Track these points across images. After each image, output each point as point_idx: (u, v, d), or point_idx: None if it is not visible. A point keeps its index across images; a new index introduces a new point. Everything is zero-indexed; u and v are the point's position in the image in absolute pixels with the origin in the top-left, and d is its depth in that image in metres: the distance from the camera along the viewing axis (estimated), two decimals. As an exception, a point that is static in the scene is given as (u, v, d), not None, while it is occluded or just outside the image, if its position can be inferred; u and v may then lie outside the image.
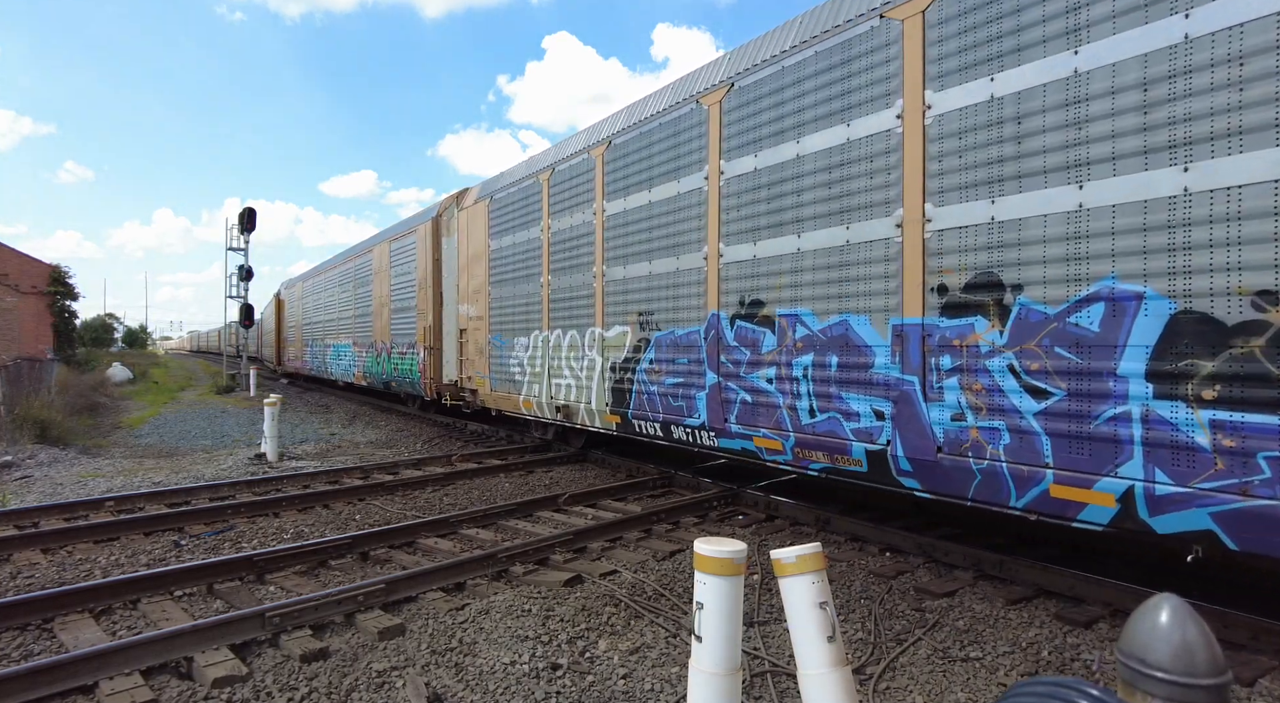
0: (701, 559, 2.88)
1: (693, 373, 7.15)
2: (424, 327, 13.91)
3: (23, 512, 7.25)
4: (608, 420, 8.41)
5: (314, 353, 24.34)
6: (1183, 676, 1.59)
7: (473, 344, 11.98)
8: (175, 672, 3.98)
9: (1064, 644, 4.27)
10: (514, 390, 10.50)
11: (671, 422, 7.42)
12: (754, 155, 6.48)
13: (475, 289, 11.83)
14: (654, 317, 7.71)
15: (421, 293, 14.21)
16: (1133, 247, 3.92)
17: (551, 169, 9.67)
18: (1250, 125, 3.55)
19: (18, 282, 30.40)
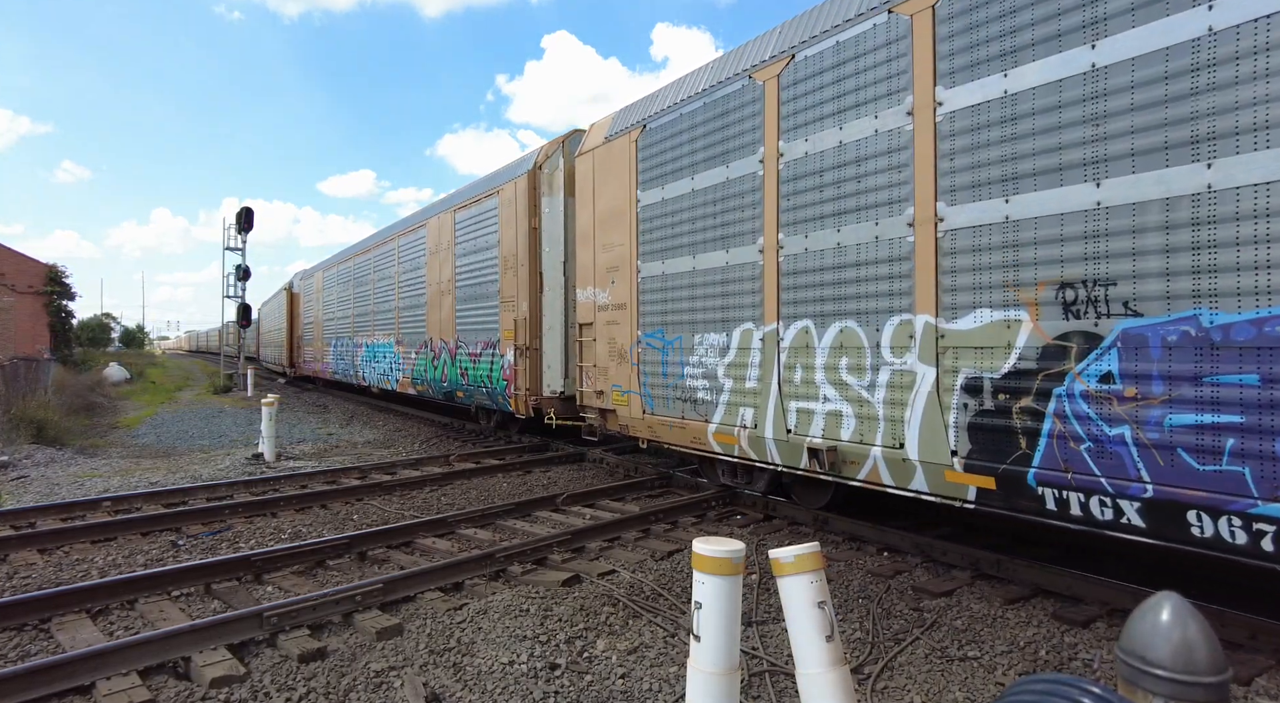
0: (700, 559, 2.88)
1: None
2: (514, 320, 10.64)
3: (19, 512, 7.23)
4: (956, 481, 4.90)
5: (339, 354, 20.60)
6: (1183, 673, 1.59)
7: (604, 344, 8.60)
8: (173, 672, 3.97)
9: (1062, 644, 4.27)
10: (695, 414, 7.13)
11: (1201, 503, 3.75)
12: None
13: (609, 266, 8.47)
14: (1123, 290, 4.08)
15: (509, 275, 10.86)
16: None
17: (790, 56, 6.17)
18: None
19: (14, 281, 30.35)
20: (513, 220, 10.77)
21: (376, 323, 17.33)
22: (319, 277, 23.49)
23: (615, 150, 8.45)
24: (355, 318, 19.06)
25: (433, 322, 13.77)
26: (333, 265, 21.91)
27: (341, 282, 20.68)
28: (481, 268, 11.90)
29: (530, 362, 10.36)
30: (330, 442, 13.14)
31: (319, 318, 23.29)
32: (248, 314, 28.17)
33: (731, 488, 7.78)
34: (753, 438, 6.49)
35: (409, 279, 15.14)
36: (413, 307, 14.91)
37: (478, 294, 12.03)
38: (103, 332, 59.76)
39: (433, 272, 13.79)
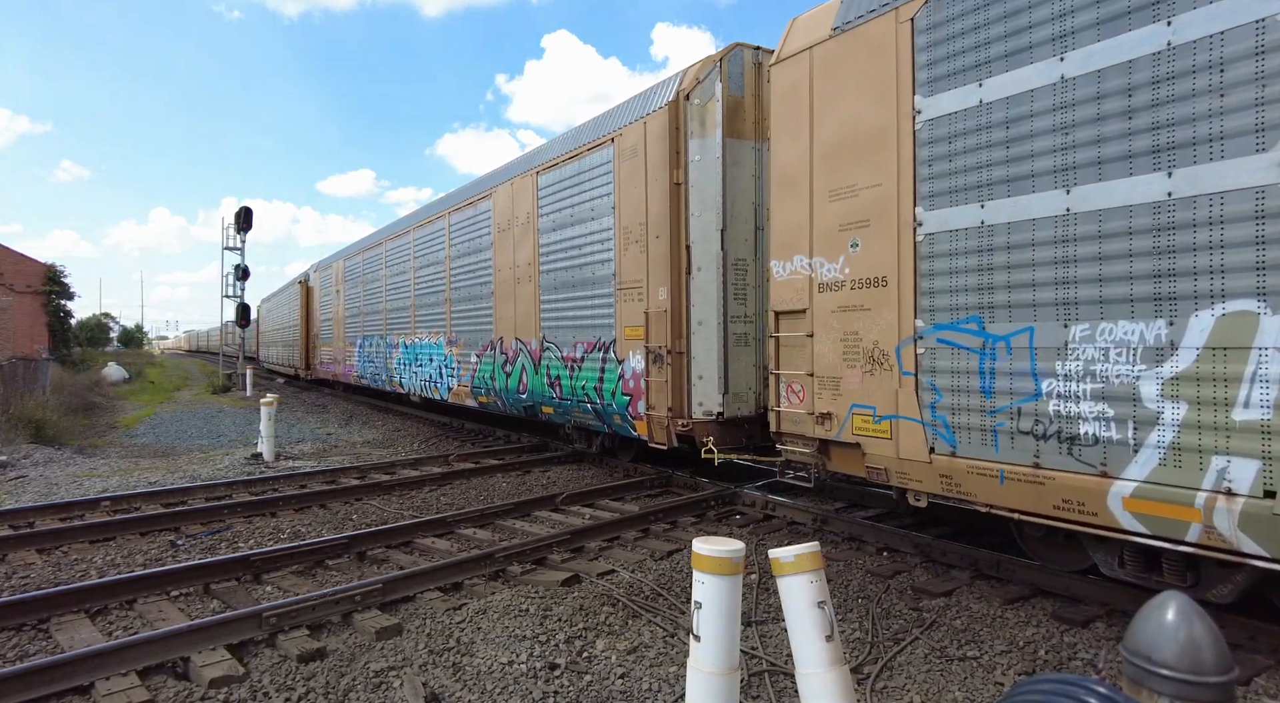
0: (699, 559, 2.88)
1: None
2: (643, 313, 7.80)
3: (18, 512, 7.22)
4: None
5: (368, 356, 17.49)
6: (1189, 673, 1.59)
7: (831, 343, 5.77)
8: (172, 672, 3.97)
9: (1061, 644, 4.27)
10: (1074, 463, 4.29)
11: None
12: None
13: (843, 223, 5.65)
14: None
15: (631, 252, 8.06)
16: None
17: None
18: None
19: (13, 281, 30.34)
20: (638, 176, 7.93)
21: (420, 319, 14.22)
22: (339, 267, 20.23)
23: (858, 45, 5.56)
24: (390, 313, 15.97)
25: (503, 317, 10.85)
26: (358, 253, 18.57)
27: (370, 271, 17.44)
28: (584, 245, 8.96)
29: (673, 370, 7.46)
30: (329, 442, 13.13)
31: (339, 314, 20.06)
32: (247, 314, 28.15)
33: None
34: (1255, 516, 3.50)
35: (466, 265, 12.12)
36: (472, 299, 11.92)
37: (578, 280, 9.11)
38: (101, 331, 59.75)
39: (503, 253, 10.85)
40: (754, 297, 7.42)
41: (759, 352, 7.27)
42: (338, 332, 20.46)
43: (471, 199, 12.15)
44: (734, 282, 7.40)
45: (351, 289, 19.06)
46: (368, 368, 17.60)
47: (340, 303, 20.09)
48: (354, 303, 18.79)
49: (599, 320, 8.74)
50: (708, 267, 7.40)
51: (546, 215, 9.81)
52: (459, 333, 12.53)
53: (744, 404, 7.44)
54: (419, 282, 14.38)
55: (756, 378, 7.46)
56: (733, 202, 7.36)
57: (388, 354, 16.12)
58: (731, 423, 7.42)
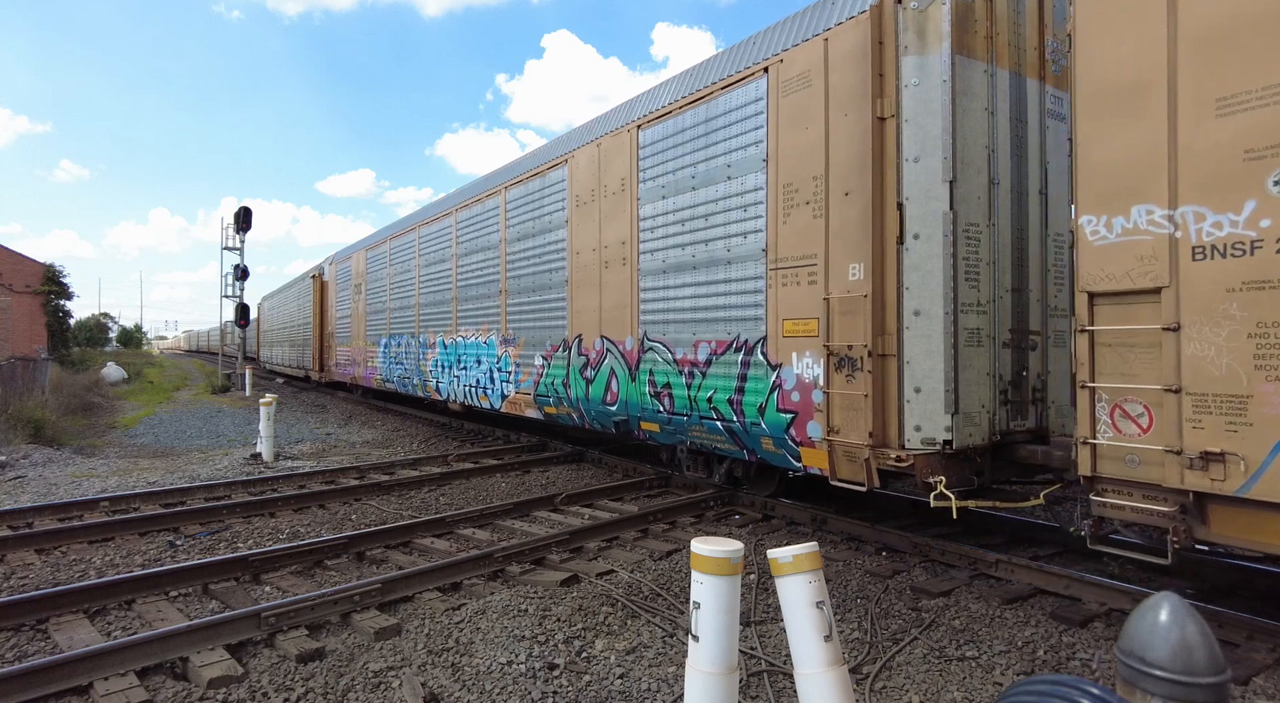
0: (698, 559, 2.88)
1: None
2: (823, 302, 5.83)
3: (16, 512, 7.22)
4: None
5: (394, 357, 15.44)
6: (1182, 674, 1.59)
7: (1223, 343, 3.69)
8: (170, 672, 3.97)
9: (1060, 644, 4.27)
10: None
11: None
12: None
13: (1253, 146, 3.59)
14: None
15: (796, 218, 6.13)
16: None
17: None
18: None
19: (11, 281, 30.33)
20: (812, 113, 6.00)
21: (464, 315, 12.13)
22: (359, 258, 18.05)
23: None
24: (425, 309, 13.83)
25: (583, 310, 8.86)
26: (383, 241, 16.45)
27: (400, 261, 15.26)
28: (713, 214, 7.00)
29: (873, 380, 5.42)
30: (328, 441, 13.13)
31: (360, 310, 17.83)
32: (246, 314, 28.13)
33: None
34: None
35: (529, 249, 10.07)
36: (537, 289, 9.87)
37: (703, 260, 7.09)
38: (100, 331, 59.74)
39: (581, 232, 8.88)
40: (989, 278, 5.36)
41: (995, 356, 5.36)
42: (357, 330, 18.17)
43: (538, 169, 9.90)
44: (965, 255, 5.25)
45: (376, 282, 16.82)
46: (395, 371, 15.40)
47: (361, 298, 17.81)
48: (378, 298, 16.59)
49: (739, 311, 6.70)
50: (929, 233, 5.24)
51: (651, 180, 7.75)
52: (518, 330, 10.41)
53: (976, 429, 5.27)
54: (463, 271, 12.21)
55: (991, 392, 5.34)
56: (964, 144, 5.25)
57: (420, 355, 13.98)
58: (960, 456, 5.25)
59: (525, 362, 10.18)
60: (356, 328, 18.30)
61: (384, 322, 16.20)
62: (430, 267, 13.72)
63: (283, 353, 29.30)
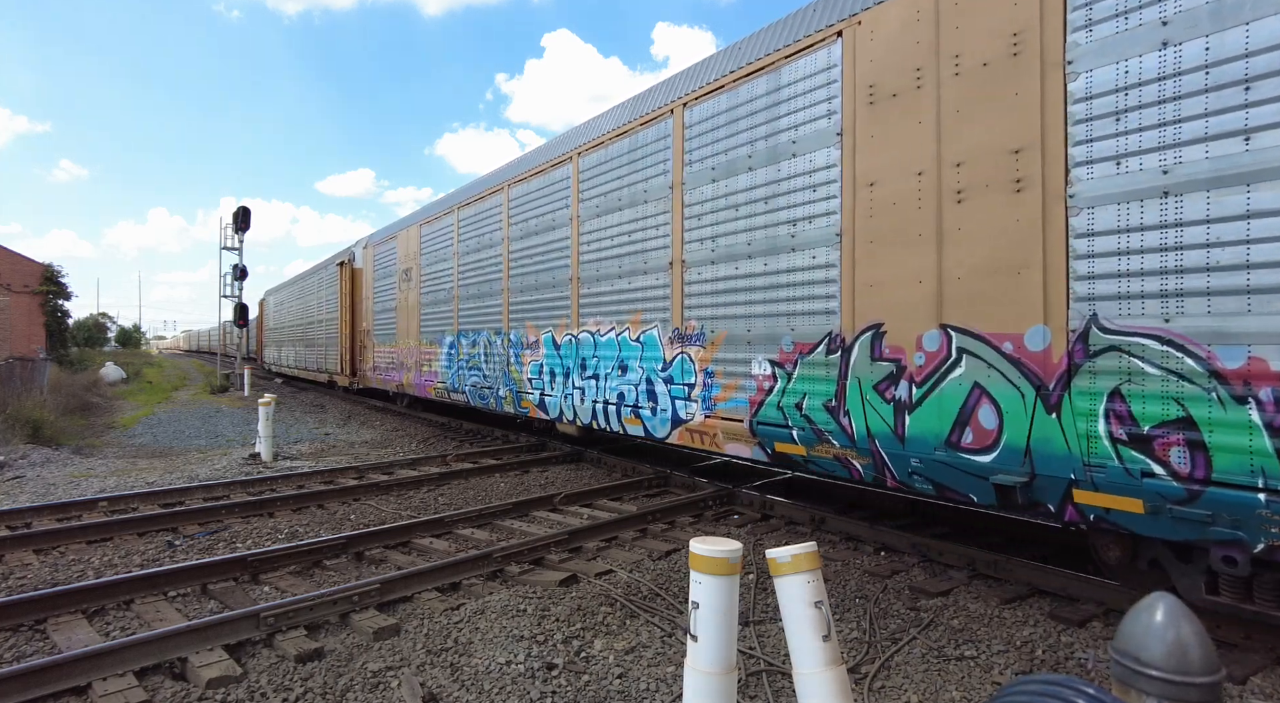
0: (697, 559, 2.89)
1: None
2: None
3: (15, 512, 7.21)
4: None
5: (468, 359, 11.89)
6: (1176, 674, 1.60)
7: None
8: (169, 673, 3.97)
9: (1058, 643, 4.28)
10: None
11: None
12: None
13: None
14: None
15: None
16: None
17: None
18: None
19: (10, 281, 30.31)
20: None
21: (592, 302, 8.78)
22: (409, 236, 14.67)
23: None
24: (520, 295, 10.37)
25: (880, 283, 5.39)
26: (445, 212, 13.06)
27: (476, 234, 11.77)
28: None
29: None
30: (327, 442, 13.13)
31: (411, 301, 14.42)
32: (245, 313, 28.12)
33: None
34: None
35: (736, 196, 6.67)
36: (759, 255, 6.43)
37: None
38: (99, 331, 59.71)
39: (879, 151, 5.44)
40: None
41: None
42: (406, 326, 14.67)
43: (772, 58, 6.36)
44: None
45: (437, 266, 13.28)
46: (468, 378, 11.86)
47: (413, 287, 14.39)
48: (441, 284, 13.06)
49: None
50: None
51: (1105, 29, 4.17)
52: (713, 320, 6.91)
53: None
54: (591, 240, 8.78)
55: None
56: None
57: (511, 358, 10.50)
58: None
59: (731, 368, 6.68)
60: (405, 324, 14.80)
61: (448, 315, 12.72)
62: (527, 238, 10.20)
63: (295, 354, 25.78)
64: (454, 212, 12.67)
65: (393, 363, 15.52)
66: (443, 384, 12.82)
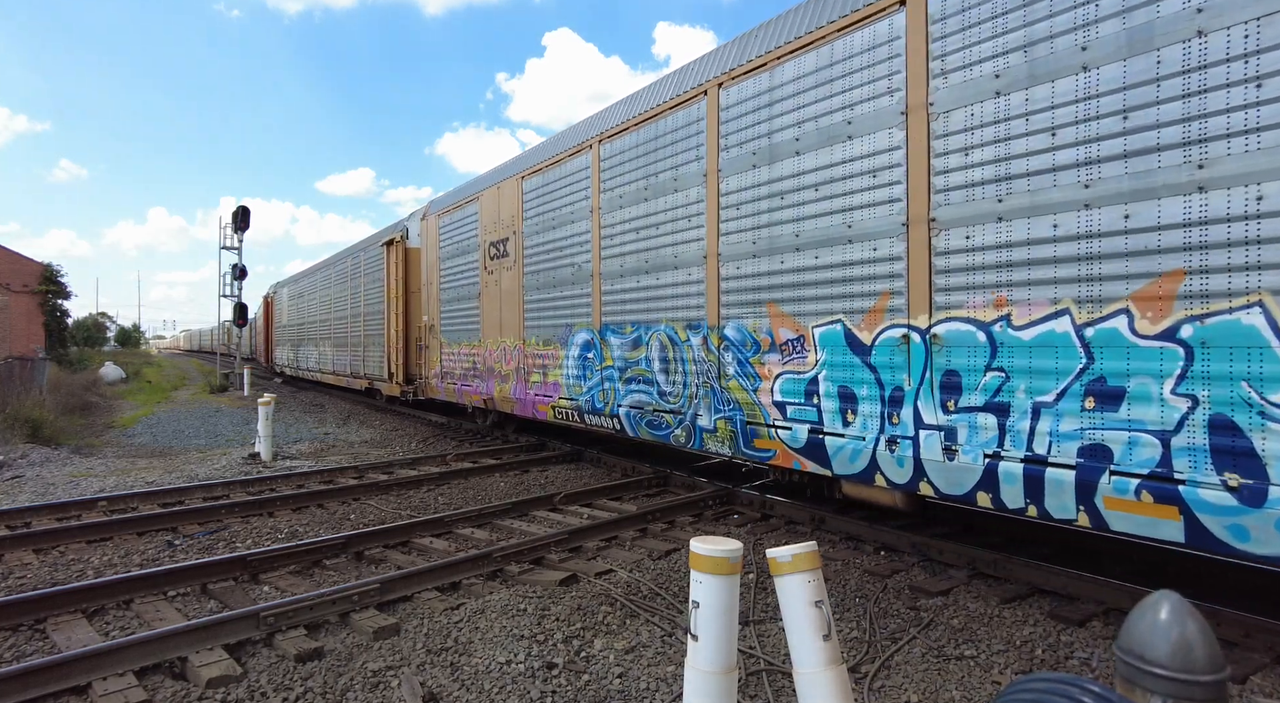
0: (697, 558, 2.88)
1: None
2: None
3: (14, 512, 7.21)
4: None
5: (607, 368, 8.49)
6: (1181, 672, 1.60)
7: None
8: (169, 672, 3.96)
9: (1058, 643, 4.28)
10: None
11: None
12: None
13: None
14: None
15: None
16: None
17: None
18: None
19: (9, 281, 30.30)
20: None
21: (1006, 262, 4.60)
22: (501, 196, 10.81)
23: None
24: (743, 264, 6.60)
25: None
26: (563, 155, 9.32)
27: (629, 179, 8.07)
28: None
29: None
30: (327, 441, 13.12)
31: (511, 285, 10.50)
32: (244, 313, 28.09)
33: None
34: None
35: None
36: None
37: None
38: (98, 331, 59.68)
39: None
40: None
41: None
42: (498, 319, 10.95)
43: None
44: None
45: (554, 231, 9.43)
46: (625, 394, 8.18)
47: (510, 263, 10.52)
48: (563, 257, 9.25)
49: None
50: None
51: None
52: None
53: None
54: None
55: None
56: None
57: (730, 365, 6.76)
58: None
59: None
60: (495, 316, 11.04)
61: (581, 302, 8.91)
62: (780, 163, 6.17)
63: (317, 356, 21.88)
64: (592, 147, 8.66)
65: (474, 369, 11.78)
66: (571, 401, 9.13)
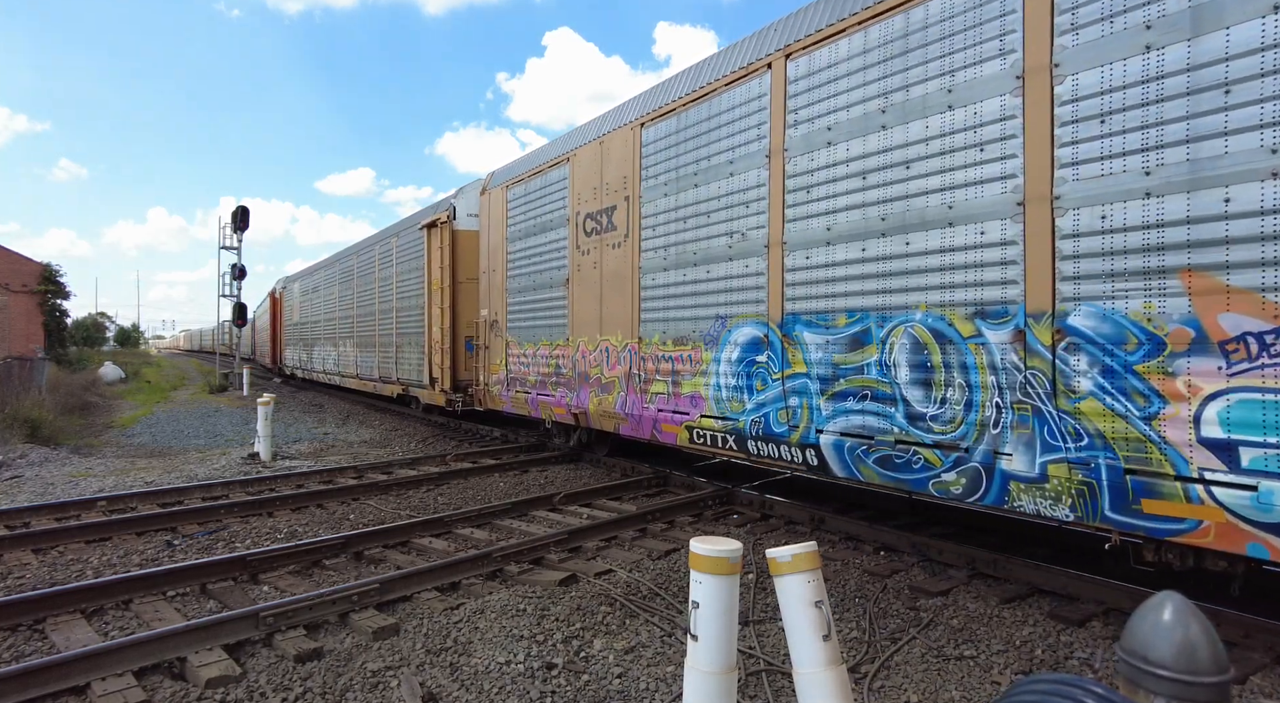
0: (697, 558, 2.88)
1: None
2: None
3: (13, 512, 7.20)
4: None
5: (789, 378, 6.05)
6: (1185, 673, 1.59)
7: None
8: (168, 672, 3.96)
9: (1057, 643, 4.28)
10: None
11: None
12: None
13: None
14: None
15: None
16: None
17: None
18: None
19: (9, 280, 30.28)
20: None
21: None
22: (602, 154, 8.58)
23: None
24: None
25: None
26: (708, 91, 6.98)
27: (865, 94, 5.47)
28: None
29: None
30: (326, 441, 13.11)
31: (613, 268, 8.39)
32: (244, 313, 28.09)
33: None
34: None
35: None
36: None
37: None
38: (97, 331, 59.63)
39: None
40: None
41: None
42: (596, 310, 8.70)
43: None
44: None
45: (693, 190, 7.20)
46: (828, 414, 5.75)
47: (616, 239, 8.29)
48: (711, 223, 6.98)
49: None
50: None
51: None
52: None
53: None
54: None
55: None
56: None
57: (1044, 373, 4.40)
58: None
59: None
60: (595, 307, 8.66)
61: (750, 285, 6.57)
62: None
63: (337, 357, 19.58)
64: (772, 66, 6.26)
65: (555, 374, 9.45)
66: (723, 422, 6.76)
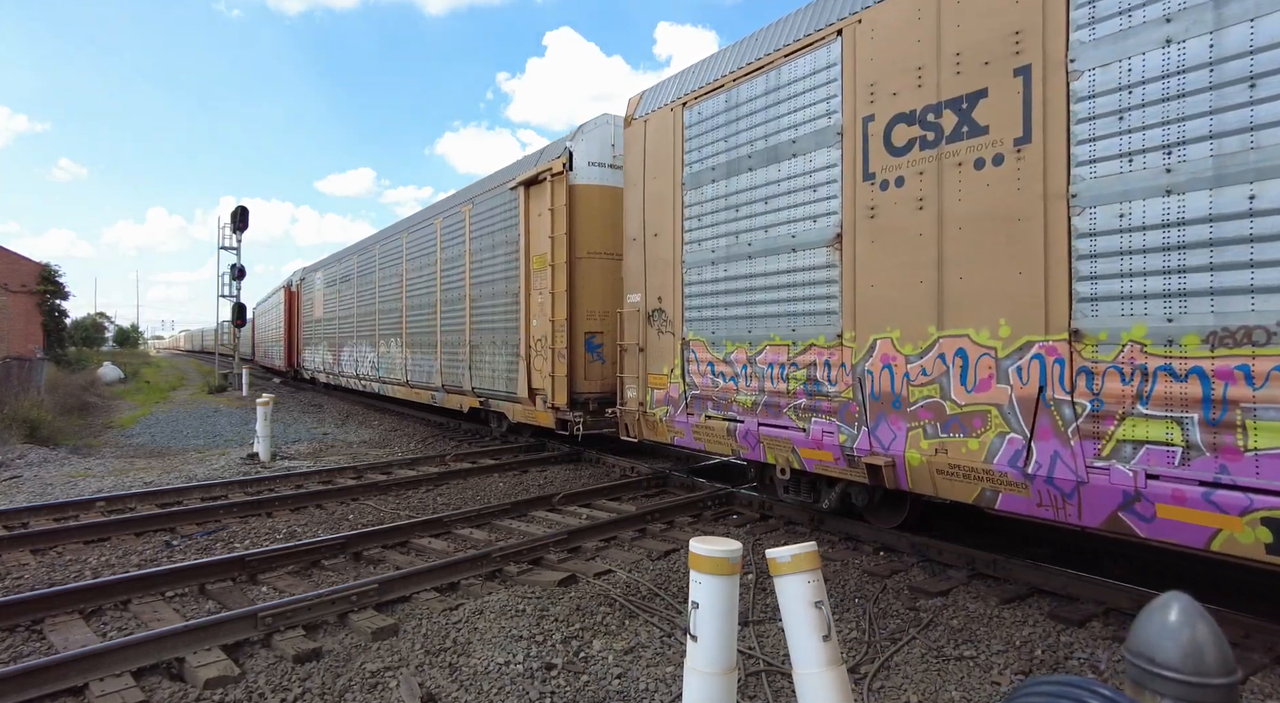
0: (696, 559, 2.87)
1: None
2: None
3: (12, 512, 7.19)
4: None
5: None
6: (1192, 675, 1.58)
7: None
8: (167, 673, 3.95)
9: (1057, 643, 4.27)
10: None
11: None
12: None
13: None
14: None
15: None
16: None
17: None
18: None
19: (8, 281, 30.26)
20: None
21: None
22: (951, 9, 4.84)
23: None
24: None
25: None
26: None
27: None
28: None
29: None
30: (326, 441, 13.10)
31: (995, 205, 4.61)
32: (243, 313, 28.05)
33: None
34: None
35: None
36: None
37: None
38: (97, 331, 59.57)
39: None
40: None
41: None
42: (914, 289, 5.18)
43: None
44: None
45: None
46: None
47: (1016, 156, 4.51)
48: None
49: None
50: None
51: None
52: None
53: None
54: None
55: None
56: None
57: None
58: None
59: None
60: (911, 284, 5.21)
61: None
62: None
63: (375, 359, 16.49)
64: None
65: (802, 393, 6.12)
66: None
